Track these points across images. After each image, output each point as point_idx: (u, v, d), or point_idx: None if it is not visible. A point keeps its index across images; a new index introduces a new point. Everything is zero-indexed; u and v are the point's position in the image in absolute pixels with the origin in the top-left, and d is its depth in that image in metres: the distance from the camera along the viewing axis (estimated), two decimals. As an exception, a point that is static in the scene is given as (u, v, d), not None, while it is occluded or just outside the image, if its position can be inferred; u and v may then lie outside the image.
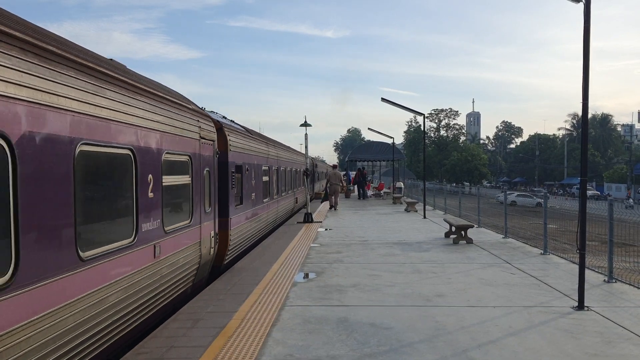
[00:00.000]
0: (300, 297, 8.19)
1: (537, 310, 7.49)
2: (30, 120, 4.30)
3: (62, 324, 4.69)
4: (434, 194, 28.40)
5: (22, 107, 4.21)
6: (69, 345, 4.80)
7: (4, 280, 3.99)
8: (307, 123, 21.28)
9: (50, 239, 4.59)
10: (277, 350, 5.82)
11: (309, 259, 11.64)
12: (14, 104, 4.12)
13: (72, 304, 4.85)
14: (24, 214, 4.19)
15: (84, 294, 5.05)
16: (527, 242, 14.37)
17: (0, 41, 4.01)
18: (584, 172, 7.84)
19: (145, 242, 6.62)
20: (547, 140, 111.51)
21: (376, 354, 5.72)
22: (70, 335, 4.81)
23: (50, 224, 4.60)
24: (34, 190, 4.35)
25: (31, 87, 4.33)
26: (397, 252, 12.60)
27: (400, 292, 8.52)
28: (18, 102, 4.16)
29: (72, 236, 4.89)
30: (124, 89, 6.09)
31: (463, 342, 6.08)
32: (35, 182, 4.37)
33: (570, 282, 8.99)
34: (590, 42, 7.43)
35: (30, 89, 4.32)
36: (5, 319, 3.95)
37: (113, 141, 5.74)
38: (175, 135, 7.79)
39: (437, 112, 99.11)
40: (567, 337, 6.33)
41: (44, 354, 4.41)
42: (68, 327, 4.78)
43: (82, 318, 5.01)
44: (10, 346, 3.99)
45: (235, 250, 11.93)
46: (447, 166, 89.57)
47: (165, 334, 6.44)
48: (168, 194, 7.51)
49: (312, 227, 17.95)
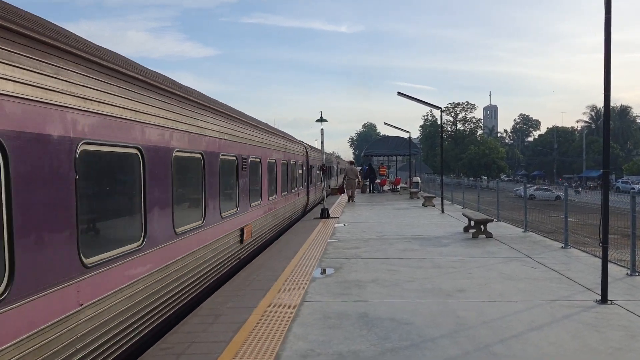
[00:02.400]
0: (319, 293, 8.19)
1: (560, 304, 7.41)
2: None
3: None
4: (452, 189, 28.23)
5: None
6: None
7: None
8: (322, 118, 21.23)
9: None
10: (298, 346, 5.82)
11: (326, 255, 11.63)
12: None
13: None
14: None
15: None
16: (547, 235, 14.23)
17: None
18: (606, 164, 7.70)
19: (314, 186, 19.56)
20: (566, 133, 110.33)
21: (398, 349, 5.70)
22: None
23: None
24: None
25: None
26: (415, 247, 12.54)
27: (420, 287, 8.48)
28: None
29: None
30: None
31: (485, 337, 6.03)
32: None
33: (593, 275, 8.88)
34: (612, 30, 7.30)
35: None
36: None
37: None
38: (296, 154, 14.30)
39: (453, 106, 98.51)
40: (590, 331, 6.25)
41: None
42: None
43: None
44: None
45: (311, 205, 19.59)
46: (465, 160, 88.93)
47: (186, 330, 6.48)
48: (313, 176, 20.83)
49: (329, 223, 17.94)
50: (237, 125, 10.88)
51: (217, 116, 9.38)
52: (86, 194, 4.98)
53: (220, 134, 9.44)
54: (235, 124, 10.79)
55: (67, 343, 4.51)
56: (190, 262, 7.71)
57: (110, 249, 5.49)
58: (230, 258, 10.10)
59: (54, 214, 4.41)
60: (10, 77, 3.92)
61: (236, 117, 11.00)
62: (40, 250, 4.24)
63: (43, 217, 4.28)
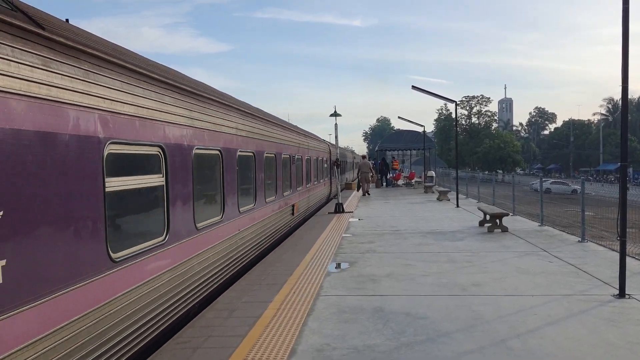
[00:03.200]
0: (334, 287, 8.20)
1: (577, 298, 7.35)
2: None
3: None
4: (467, 183, 28.08)
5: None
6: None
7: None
8: (336, 113, 21.21)
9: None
10: (314, 340, 5.83)
11: (341, 249, 11.63)
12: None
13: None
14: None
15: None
16: (564, 229, 14.11)
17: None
18: (624, 157, 7.61)
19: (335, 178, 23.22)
20: (582, 126, 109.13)
21: (413, 343, 5.69)
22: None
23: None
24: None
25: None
26: (430, 242, 12.50)
27: (435, 282, 8.45)
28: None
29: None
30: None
31: (501, 332, 6.00)
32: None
33: (610, 269, 8.79)
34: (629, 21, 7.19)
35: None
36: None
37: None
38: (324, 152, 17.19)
39: (468, 99, 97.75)
40: (608, 325, 6.19)
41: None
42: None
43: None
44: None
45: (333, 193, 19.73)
46: (479, 154, 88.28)
47: (202, 324, 6.52)
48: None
49: (343, 218, 17.94)
50: (295, 135, 16.86)
51: (287, 132, 15.24)
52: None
53: (285, 141, 14.62)
54: (294, 135, 16.60)
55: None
56: (276, 218, 12.94)
57: (245, 204, 9.95)
58: (288, 223, 14.74)
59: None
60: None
61: (296, 130, 17.59)
62: (181, 215, 6.67)
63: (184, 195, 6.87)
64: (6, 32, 3.71)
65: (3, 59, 3.63)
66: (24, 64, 3.84)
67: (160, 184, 6.13)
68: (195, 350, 5.61)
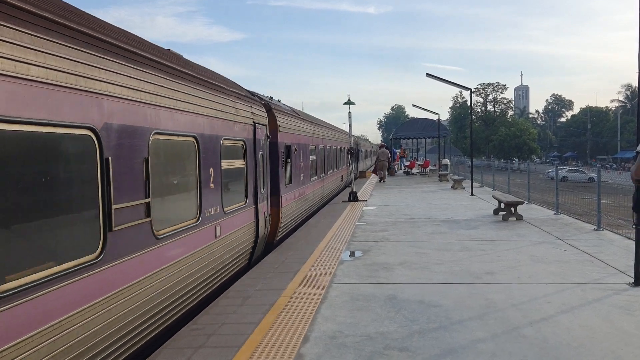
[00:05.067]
0: (347, 275, 8.22)
1: (591, 287, 7.30)
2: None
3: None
4: (482, 171, 27.91)
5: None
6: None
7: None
8: (350, 101, 21.14)
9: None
10: (326, 327, 5.87)
11: (355, 238, 11.65)
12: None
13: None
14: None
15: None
16: (579, 218, 14.00)
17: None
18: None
19: (356, 163, 31.97)
20: (600, 113, 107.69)
21: (425, 330, 5.71)
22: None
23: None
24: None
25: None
26: (444, 230, 12.47)
27: (449, 270, 8.45)
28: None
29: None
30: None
31: (514, 320, 5.99)
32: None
33: (626, 258, 8.71)
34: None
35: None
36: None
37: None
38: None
39: (483, 87, 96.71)
40: (623, 314, 6.15)
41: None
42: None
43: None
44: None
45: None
46: (495, 142, 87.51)
47: (216, 311, 6.59)
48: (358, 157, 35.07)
49: (357, 206, 17.94)
50: (332, 131, 23.57)
51: (326, 129, 21.37)
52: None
53: (325, 136, 20.62)
54: (331, 131, 23.18)
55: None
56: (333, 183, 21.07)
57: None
58: (339, 186, 24.49)
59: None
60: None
61: (335, 129, 24.44)
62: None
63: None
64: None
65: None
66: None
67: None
68: (210, 337, 5.67)
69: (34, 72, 3.81)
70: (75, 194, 4.42)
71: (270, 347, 5.34)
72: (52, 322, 3.93)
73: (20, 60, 3.66)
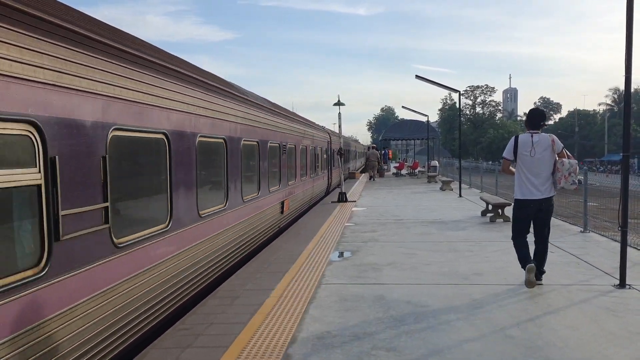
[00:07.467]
0: (336, 276, 8.24)
1: (577, 288, 7.37)
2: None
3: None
4: (470, 172, 28.06)
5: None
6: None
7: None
8: (340, 102, 21.18)
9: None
10: (315, 327, 5.88)
11: (344, 238, 11.67)
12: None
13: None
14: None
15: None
16: (566, 220, 14.10)
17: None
18: (627, 148, 7.59)
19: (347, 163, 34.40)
20: (587, 116, 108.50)
21: (413, 331, 5.73)
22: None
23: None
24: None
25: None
26: (433, 231, 12.53)
27: (437, 271, 8.49)
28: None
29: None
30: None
31: (501, 320, 6.03)
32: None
33: (611, 260, 8.80)
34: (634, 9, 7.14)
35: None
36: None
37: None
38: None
39: (472, 89, 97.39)
40: (608, 315, 6.22)
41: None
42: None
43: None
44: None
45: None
46: (484, 144, 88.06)
47: (204, 311, 6.58)
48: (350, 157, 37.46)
49: (346, 207, 17.98)
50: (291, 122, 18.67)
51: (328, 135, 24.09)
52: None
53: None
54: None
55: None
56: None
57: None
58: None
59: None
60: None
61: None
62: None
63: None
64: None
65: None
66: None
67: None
68: (198, 337, 5.66)
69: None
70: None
71: (258, 347, 5.34)
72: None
73: None
